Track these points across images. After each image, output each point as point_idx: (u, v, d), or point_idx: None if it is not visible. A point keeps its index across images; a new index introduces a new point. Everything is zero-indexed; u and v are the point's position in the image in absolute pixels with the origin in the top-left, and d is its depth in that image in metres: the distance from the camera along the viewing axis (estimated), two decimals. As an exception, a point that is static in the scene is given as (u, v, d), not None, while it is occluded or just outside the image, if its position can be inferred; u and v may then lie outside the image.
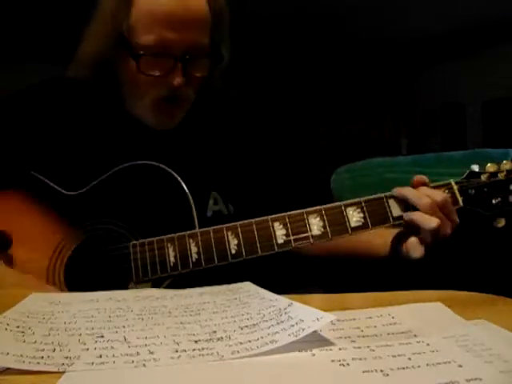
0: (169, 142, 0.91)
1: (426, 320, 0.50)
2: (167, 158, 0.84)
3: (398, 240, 0.79)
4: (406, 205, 0.75)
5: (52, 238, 0.81)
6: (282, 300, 0.52)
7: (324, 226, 0.74)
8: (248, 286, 0.64)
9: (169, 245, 0.76)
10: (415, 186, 0.77)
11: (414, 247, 0.75)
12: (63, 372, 0.38)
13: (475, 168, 0.78)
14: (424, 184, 0.77)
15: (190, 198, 0.79)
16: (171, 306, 0.56)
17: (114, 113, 0.91)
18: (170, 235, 0.77)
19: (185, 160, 0.89)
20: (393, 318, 0.51)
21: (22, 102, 0.92)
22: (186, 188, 0.80)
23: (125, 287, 0.77)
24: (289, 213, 0.76)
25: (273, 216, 0.75)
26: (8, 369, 0.39)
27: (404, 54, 5.81)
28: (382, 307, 0.55)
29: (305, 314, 0.46)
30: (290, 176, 1.03)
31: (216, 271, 0.75)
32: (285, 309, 0.49)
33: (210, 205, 0.88)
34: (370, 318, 0.52)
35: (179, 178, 0.80)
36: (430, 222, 0.72)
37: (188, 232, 0.77)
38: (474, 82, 5.84)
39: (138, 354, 0.41)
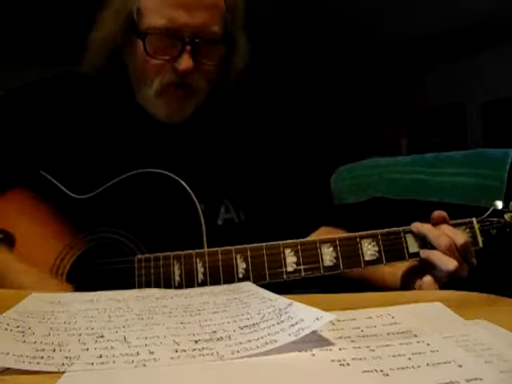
0: (182, 148, 0.89)
1: (426, 320, 0.50)
2: (180, 165, 0.83)
3: (409, 274, 0.77)
4: (424, 241, 0.73)
5: (55, 244, 0.79)
6: (281, 300, 0.52)
7: (337, 258, 0.72)
8: (248, 286, 0.64)
9: (175, 262, 0.74)
10: (434, 223, 0.74)
11: (429, 286, 0.73)
12: (63, 372, 0.38)
13: (499, 205, 0.75)
14: (444, 219, 0.75)
15: (200, 209, 0.77)
16: (171, 306, 0.56)
17: (126, 111, 0.89)
18: (176, 252, 0.74)
19: (197, 167, 0.87)
20: (393, 317, 0.51)
21: (32, 96, 0.89)
22: (195, 200, 0.77)
23: None
24: (301, 240, 0.74)
25: (284, 242, 0.73)
26: (8, 369, 0.39)
27: (404, 54, 5.81)
28: (382, 307, 0.55)
29: (305, 313, 0.45)
30: (298, 180, 1.01)
31: None
32: (285, 309, 0.49)
33: (221, 213, 0.86)
34: (370, 318, 0.52)
35: (189, 189, 0.78)
36: (448, 263, 0.70)
37: (196, 251, 0.74)
38: (473, 81, 5.84)
39: (138, 354, 0.41)
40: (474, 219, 0.75)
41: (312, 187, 1.02)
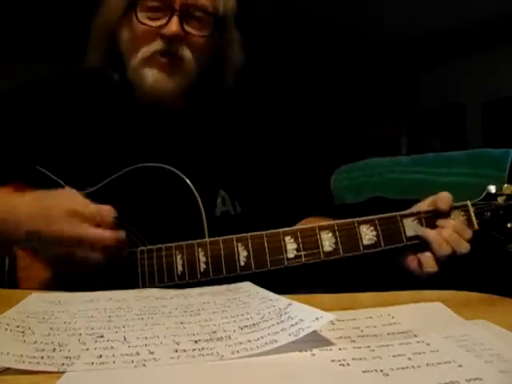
0: (178, 140, 0.91)
1: (426, 320, 0.51)
2: (176, 157, 0.84)
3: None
4: (421, 225, 0.74)
5: None
6: (281, 300, 0.52)
7: (336, 243, 0.73)
8: (248, 286, 0.64)
9: (177, 252, 0.74)
10: (441, 212, 0.75)
11: (428, 263, 0.74)
12: (63, 372, 0.38)
13: (492, 189, 0.76)
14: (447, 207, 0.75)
15: (200, 201, 0.78)
16: (171, 306, 0.56)
17: (122, 104, 0.91)
18: (178, 243, 0.75)
19: (194, 158, 0.89)
20: (393, 318, 0.51)
21: (28, 93, 0.91)
22: (195, 192, 0.78)
23: None
24: (300, 227, 0.74)
25: (284, 229, 0.74)
26: (8, 369, 0.39)
27: (404, 54, 5.81)
28: (382, 307, 0.55)
29: (305, 313, 0.45)
30: (295, 175, 1.02)
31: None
32: (285, 309, 0.49)
33: (218, 204, 0.87)
34: (370, 317, 0.52)
35: (189, 181, 0.79)
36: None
37: (197, 241, 0.75)
38: (473, 82, 5.83)
39: (137, 353, 0.41)
40: (469, 202, 0.76)
41: (306, 179, 1.04)
